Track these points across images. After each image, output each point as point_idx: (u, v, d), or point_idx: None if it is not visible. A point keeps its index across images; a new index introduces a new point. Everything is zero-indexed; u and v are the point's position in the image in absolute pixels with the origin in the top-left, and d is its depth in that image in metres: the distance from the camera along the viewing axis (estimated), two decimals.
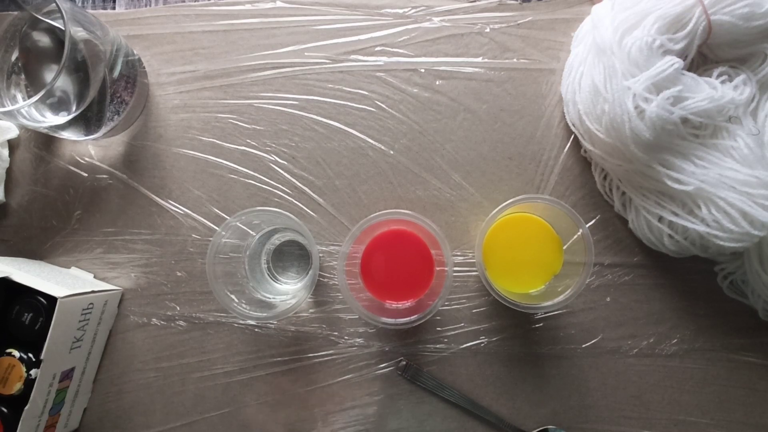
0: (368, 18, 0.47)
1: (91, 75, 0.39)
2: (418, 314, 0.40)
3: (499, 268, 0.42)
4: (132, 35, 0.47)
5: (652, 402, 0.45)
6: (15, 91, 0.42)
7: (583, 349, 0.45)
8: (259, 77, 0.47)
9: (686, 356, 0.45)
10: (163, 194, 0.47)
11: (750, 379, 0.45)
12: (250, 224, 0.43)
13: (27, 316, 0.40)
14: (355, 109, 0.47)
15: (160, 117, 0.47)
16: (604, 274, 0.45)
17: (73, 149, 0.47)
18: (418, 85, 0.46)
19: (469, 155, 0.46)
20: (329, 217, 0.46)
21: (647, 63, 0.37)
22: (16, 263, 0.43)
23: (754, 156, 0.38)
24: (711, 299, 0.45)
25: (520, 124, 0.46)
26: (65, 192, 0.47)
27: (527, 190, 0.46)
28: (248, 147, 0.47)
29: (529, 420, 0.45)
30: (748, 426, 0.45)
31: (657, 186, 0.41)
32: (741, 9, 0.37)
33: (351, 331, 0.45)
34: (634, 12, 0.39)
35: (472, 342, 0.45)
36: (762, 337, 0.45)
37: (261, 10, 0.47)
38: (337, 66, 0.47)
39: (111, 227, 0.47)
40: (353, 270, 0.42)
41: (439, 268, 0.41)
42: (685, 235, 0.41)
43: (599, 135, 0.41)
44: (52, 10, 0.41)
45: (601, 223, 0.46)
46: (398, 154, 0.46)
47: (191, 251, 0.46)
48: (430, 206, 0.46)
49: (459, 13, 0.47)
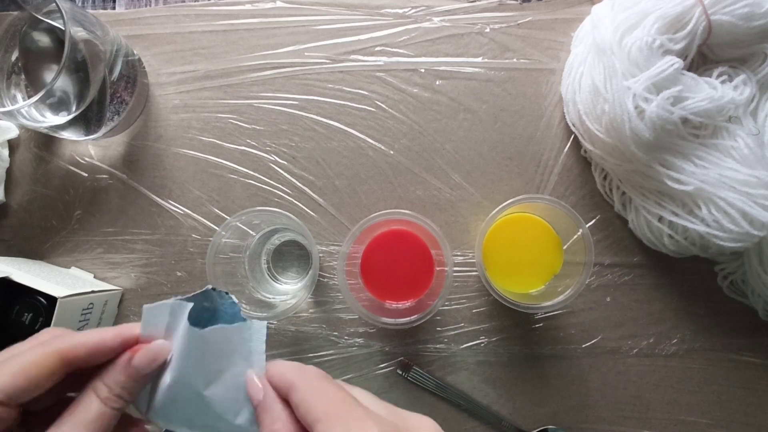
0: (368, 18, 0.47)
1: (91, 75, 0.39)
2: (418, 314, 0.40)
3: (499, 268, 0.42)
4: (132, 35, 0.47)
5: (652, 402, 0.45)
6: (15, 91, 0.42)
7: (583, 349, 0.45)
8: (259, 77, 0.47)
9: (686, 356, 0.45)
10: (163, 194, 0.47)
11: (750, 379, 0.45)
12: (250, 224, 0.43)
13: (27, 316, 0.40)
14: (355, 109, 0.47)
15: (160, 117, 0.47)
16: (604, 274, 0.45)
17: (73, 149, 0.47)
18: (418, 85, 0.46)
19: (469, 155, 0.46)
20: (329, 217, 0.46)
21: (647, 63, 0.37)
22: (16, 263, 0.43)
23: (754, 156, 0.38)
24: (711, 299, 0.45)
25: (520, 124, 0.46)
26: (65, 192, 0.47)
27: (527, 190, 0.46)
28: (248, 147, 0.47)
29: (529, 420, 0.45)
30: (748, 426, 0.45)
31: (657, 186, 0.41)
32: (741, 9, 0.37)
33: (351, 331, 0.45)
34: (634, 12, 0.39)
35: (472, 342, 0.45)
36: (762, 337, 0.45)
37: (261, 10, 0.47)
38: (337, 66, 0.47)
39: (111, 227, 0.47)
40: (353, 270, 0.42)
41: (439, 268, 0.41)
42: (685, 235, 0.41)
43: (599, 135, 0.41)
44: (52, 10, 0.41)
45: (601, 223, 0.46)
46: (398, 154, 0.46)
47: (191, 251, 0.46)
48: (430, 206, 0.46)
49: (459, 13, 0.47)
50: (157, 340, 0.25)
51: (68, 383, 0.24)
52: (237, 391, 0.25)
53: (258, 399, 0.24)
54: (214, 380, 0.25)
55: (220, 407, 0.25)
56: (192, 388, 0.25)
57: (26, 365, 0.22)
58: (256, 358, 0.25)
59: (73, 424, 0.22)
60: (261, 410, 0.24)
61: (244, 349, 0.25)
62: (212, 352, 0.25)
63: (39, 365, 0.23)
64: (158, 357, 0.25)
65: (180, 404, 0.25)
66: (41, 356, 0.23)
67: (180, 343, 0.25)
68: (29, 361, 0.23)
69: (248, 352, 0.26)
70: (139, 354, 0.24)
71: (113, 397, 0.24)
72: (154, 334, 0.25)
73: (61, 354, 0.23)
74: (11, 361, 0.23)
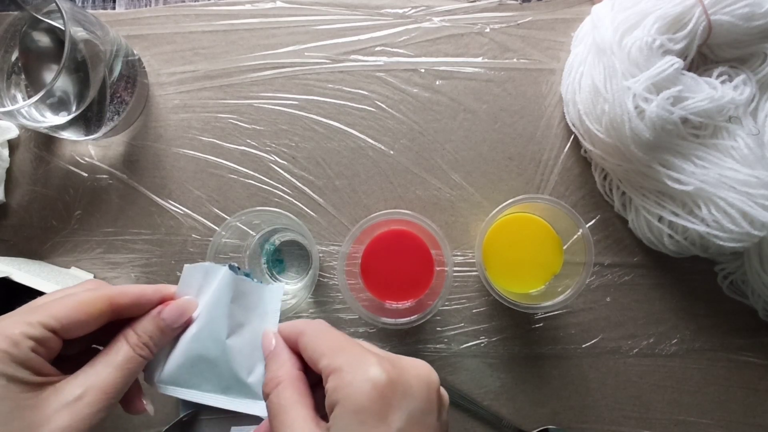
0: (368, 18, 0.47)
1: (91, 75, 0.39)
2: (418, 314, 0.40)
3: (499, 268, 0.42)
4: (132, 35, 0.47)
5: (652, 402, 0.45)
6: (15, 91, 0.42)
7: (583, 349, 0.45)
8: (259, 77, 0.47)
9: (686, 356, 0.45)
10: (163, 194, 0.47)
11: (750, 379, 0.45)
12: (250, 224, 0.43)
13: None
14: (355, 109, 0.47)
15: (160, 117, 0.47)
16: (604, 274, 0.45)
17: (73, 149, 0.47)
18: (418, 85, 0.46)
19: (469, 155, 0.46)
20: (329, 217, 0.46)
21: (647, 63, 0.37)
22: (16, 263, 0.43)
23: (754, 156, 0.38)
24: (711, 299, 0.45)
25: (520, 124, 0.46)
26: (65, 192, 0.47)
27: (527, 190, 0.46)
28: (248, 147, 0.47)
29: (529, 420, 0.45)
30: (748, 426, 0.45)
31: (657, 186, 0.41)
32: (741, 9, 0.37)
33: (351, 331, 0.45)
34: (634, 12, 0.39)
35: (472, 342, 0.45)
36: (762, 337, 0.45)
37: (261, 10, 0.47)
38: (337, 66, 0.47)
39: (111, 227, 0.47)
40: (353, 270, 0.42)
41: (439, 268, 0.41)
42: (685, 235, 0.41)
43: (599, 135, 0.41)
44: (52, 10, 0.41)
45: (601, 223, 0.46)
46: (398, 154, 0.46)
47: (191, 251, 0.46)
48: (430, 206, 0.46)
49: (459, 13, 0.47)
50: (185, 297, 0.28)
51: (97, 335, 0.26)
52: (252, 348, 0.28)
53: (269, 349, 0.27)
54: (236, 331, 0.28)
55: (235, 361, 0.28)
56: (215, 334, 0.28)
57: (81, 303, 0.25)
58: (272, 318, 0.28)
59: (106, 363, 0.25)
60: (270, 358, 0.27)
61: (262, 309, 0.28)
62: (240, 302, 0.28)
63: (91, 305, 0.25)
64: (185, 312, 0.27)
65: (197, 360, 0.28)
66: (94, 297, 0.25)
67: (212, 294, 0.28)
68: (83, 300, 0.25)
69: (264, 312, 0.28)
70: (168, 307, 0.27)
71: (140, 345, 0.26)
72: (188, 292, 0.28)
73: (110, 298, 0.26)
74: (67, 298, 0.25)
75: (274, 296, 0.29)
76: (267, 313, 0.28)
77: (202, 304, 0.28)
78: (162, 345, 0.28)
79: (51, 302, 0.25)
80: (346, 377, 0.22)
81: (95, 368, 0.25)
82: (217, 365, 0.28)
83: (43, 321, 0.24)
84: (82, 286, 0.28)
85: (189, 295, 0.28)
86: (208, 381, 0.28)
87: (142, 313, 0.27)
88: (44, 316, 0.24)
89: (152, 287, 0.27)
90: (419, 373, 0.24)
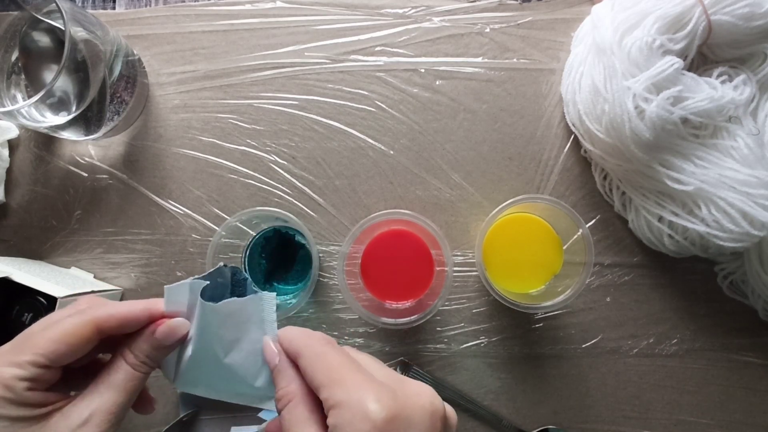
0: (368, 18, 0.47)
1: (91, 75, 0.39)
2: (418, 314, 0.40)
3: (499, 268, 0.42)
4: (132, 35, 0.47)
5: (652, 402, 0.45)
6: (15, 91, 0.42)
7: (583, 349, 0.45)
8: (259, 77, 0.47)
9: (686, 356, 0.45)
10: (163, 194, 0.47)
11: (750, 379, 0.45)
12: (250, 224, 0.43)
13: (27, 316, 0.40)
14: (355, 109, 0.47)
15: (160, 117, 0.47)
16: (604, 274, 0.45)
17: (73, 149, 0.47)
18: (418, 85, 0.46)
19: (469, 155, 0.46)
20: (329, 217, 0.46)
21: (647, 63, 0.37)
22: (16, 263, 0.43)
23: (754, 156, 0.38)
24: (711, 299, 0.45)
25: (520, 124, 0.46)
26: (65, 192, 0.47)
27: (527, 190, 0.46)
28: (248, 147, 0.47)
29: (529, 420, 0.45)
30: (748, 426, 0.45)
31: (657, 186, 0.41)
32: (741, 9, 0.37)
33: (351, 331, 0.45)
34: (634, 12, 0.39)
35: (472, 342, 0.45)
36: (762, 337, 0.45)
37: (261, 10, 0.47)
38: (337, 66, 0.47)
39: (111, 227, 0.47)
40: (353, 270, 0.42)
41: (439, 268, 0.41)
42: (685, 235, 0.41)
43: (599, 135, 0.41)
44: (52, 10, 0.41)
45: (601, 223, 0.46)
46: (398, 154, 0.46)
47: (191, 251, 0.46)
48: (430, 206, 0.46)
49: (459, 13, 0.47)
50: (176, 318, 0.28)
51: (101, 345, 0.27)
52: (255, 356, 0.28)
53: (274, 363, 0.27)
54: (233, 348, 0.28)
55: (240, 372, 0.28)
56: (212, 357, 0.28)
57: (66, 333, 0.25)
58: (269, 326, 0.28)
59: (107, 385, 0.26)
60: (276, 373, 0.27)
61: (257, 318, 0.28)
62: (228, 323, 0.27)
63: (77, 334, 0.25)
64: (176, 332, 0.27)
65: (203, 372, 0.28)
66: (79, 325, 0.25)
67: (198, 317, 0.27)
68: (68, 330, 0.25)
69: (261, 321, 0.28)
70: (160, 328, 0.27)
71: (139, 363, 0.27)
72: (177, 310, 0.28)
73: (96, 323, 0.26)
74: (52, 329, 0.25)
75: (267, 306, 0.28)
76: (263, 320, 0.28)
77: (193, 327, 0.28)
78: (161, 359, 0.28)
79: (37, 336, 0.25)
80: (345, 415, 0.22)
81: (98, 389, 0.26)
82: (222, 379, 0.28)
83: (31, 360, 0.24)
84: (69, 310, 0.27)
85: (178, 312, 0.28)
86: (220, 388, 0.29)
87: (131, 331, 0.27)
88: (32, 355, 0.24)
89: (140, 305, 0.27)
90: (422, 404, 0.24)
